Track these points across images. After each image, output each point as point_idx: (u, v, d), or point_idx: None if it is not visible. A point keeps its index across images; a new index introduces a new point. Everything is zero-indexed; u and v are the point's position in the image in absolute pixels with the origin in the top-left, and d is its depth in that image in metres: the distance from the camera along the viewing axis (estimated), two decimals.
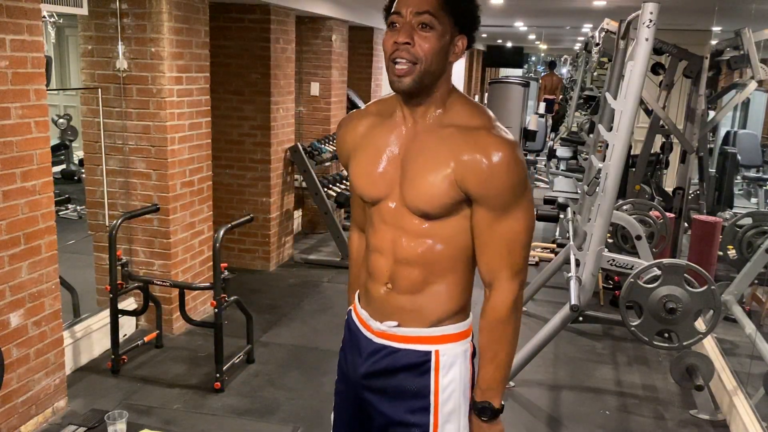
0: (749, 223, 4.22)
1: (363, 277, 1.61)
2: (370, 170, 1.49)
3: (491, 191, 1.38)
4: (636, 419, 3.29)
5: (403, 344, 1.51)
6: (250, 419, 3.12)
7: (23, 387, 2.86)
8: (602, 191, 3.26)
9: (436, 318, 1.49)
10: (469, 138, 1.39)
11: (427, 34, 1.37)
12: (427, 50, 1.37)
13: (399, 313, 1.50)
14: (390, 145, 1.48)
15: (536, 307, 4.75)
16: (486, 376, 1.48)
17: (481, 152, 1.37)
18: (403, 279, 1.48)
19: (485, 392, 1.48)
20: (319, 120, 6.27)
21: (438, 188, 1.40)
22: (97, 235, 3.97)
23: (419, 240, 1.45)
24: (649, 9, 3.07)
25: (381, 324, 1.53)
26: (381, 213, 1.50)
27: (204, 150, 4.14)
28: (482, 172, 1.36)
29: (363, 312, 1.59)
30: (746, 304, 4.20)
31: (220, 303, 3.30)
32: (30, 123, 2.76)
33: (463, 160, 1.38)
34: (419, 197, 1.42)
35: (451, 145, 1.40)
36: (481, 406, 1.48)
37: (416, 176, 1.43)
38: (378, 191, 1.49)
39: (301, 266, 5.49)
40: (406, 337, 1.50)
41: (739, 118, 7.87)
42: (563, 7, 6.48)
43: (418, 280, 1.47)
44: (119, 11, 3.64)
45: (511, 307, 1.44)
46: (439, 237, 1.45)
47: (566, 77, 15.60)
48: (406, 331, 1.50)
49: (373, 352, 1.54)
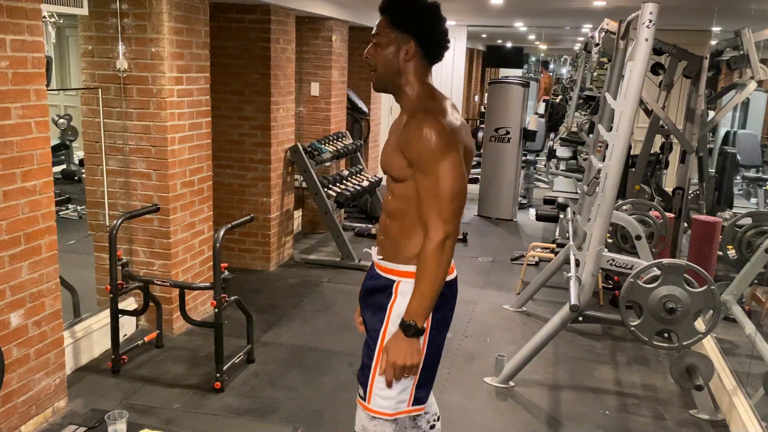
0: (749, 223, 4.22)
1: None
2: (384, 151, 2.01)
3: (414, 156, 1.82)
4: (636, 419, 3.30)
5: (382, 273, 2.01)
6: (250, 419, 3.12)
7: (23, 387, 2.86)
8: (602, 191, 3.26)
9: (403, 255, 1.95)
10: (409, 119, 1.87)
11: (377, 49, 1.91)
12: (378, 60, 1.91)
13: (383, 249, 2.02)
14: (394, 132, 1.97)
15: (536, 307, 4.76)
16: (413, 301, 1.87)
17: (411, 128, 1.84)
18: (385, 226, 2.01)
19: (411, 314, 1.87)
20: (319, 120, 6.28)
21: (391, 155, 1.91)
22: (97, 235, 3.97)
23: (395, 198, 1.95)
24: (648, 9, 3.07)
25: (375, 255, 2.06)
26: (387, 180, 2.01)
27: (204, 150, 4.14)
28: (407, 141, 1.83)
29: None
30: (746, 304, 4.21)
31: (220, 303, 3.30)
32: (30, 123, 2.76)
33: (402, 133, 1.86)
34: (385, 163, 1.96)
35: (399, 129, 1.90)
36: (407, 323, 1.87)
37: (385, 150, 1.97)
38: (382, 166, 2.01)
39: (301, 266, 5.50)
40: (383, 268, 2.01)
41: (739, 118, 7.86)
42: (563, 7, 6.49)
43: (394, 226, 1.97)
44: (119, 11, 3.65)
45: (435, 248, 1.82)
46: (403, 197, 1.91)
47: (566, 77, 15.60)
48: (383, 263, 2.01)
49: (371, 272, 2.09)
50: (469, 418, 3.21)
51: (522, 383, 3.56)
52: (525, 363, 3.55)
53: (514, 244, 6.33)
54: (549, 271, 4.63)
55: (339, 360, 3.77)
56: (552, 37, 12.70)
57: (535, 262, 5.72)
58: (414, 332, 1.86)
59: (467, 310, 4.60)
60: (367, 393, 1.98)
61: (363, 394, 1.99)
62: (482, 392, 3.48)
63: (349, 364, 3.71)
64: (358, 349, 3.86)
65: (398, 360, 1.87)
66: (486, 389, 3.52)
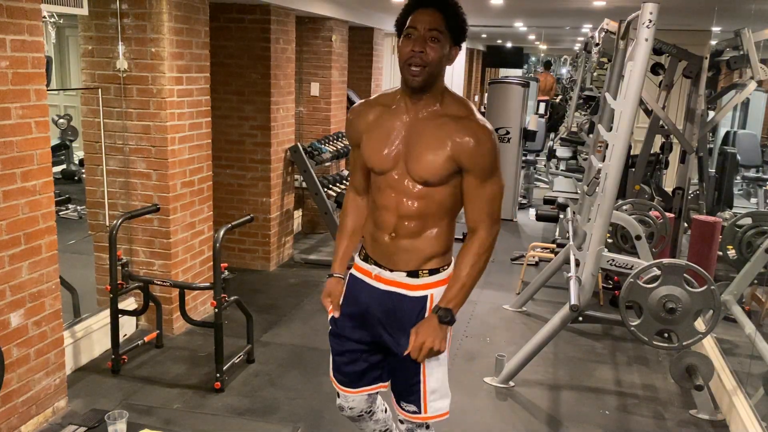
0: (749, 223, 4.22)
1: (370, 229, 2.06)
2: (381, 149, 1.95)
3: (477, 164, 1.87)
4: (636, 419, 3.30)
5: (408, 292, 1.98)
6: (250, 419, 3.12)
7: (23, 387, 2.86)
8: (602, 191, 3.26)
9: (428, 255, 1.97)
10: (460, 125, 1.87)
11: (435, 45, 1.83)
12: (434, 57, 1.83)
13: (400, 253, 1.97)
14: (396, 129, 1.94)
15: (536, 307, 4.76)
16: (454, 290, 1.93)
17: (471, 136, 1.86)
18: (403, 228, 1.95)
19: (450, 302, 1.92)
20: (319, 120, 6.28)
21: (438, 163, 1.88)
22: (97, 235, 3.97)
23: (416, 200, 1.92)
24: (648, 9, 3.07)
25: (389, 273, 1.99)
26: (388, 180, 1.95)
27: (204, 150, 4.14)
28: (471, 150, 1.86)
29: (367, 265, 2.05)
30: (746, 304, 4.21)
31: (220, 303, 3.30)
32: (30, 123, 2.76)
33: (457, 141, 1.86)
34: (423, 170, 1.89)
35: (447, 130, 1.88)
36: (445, 309, 1.91)
37: (420, 154, 1.89)
38: (387, 165, 1.95)
39: (301, 266, 5.50)
40: (410, 285, 1.98)
41: (739, 118, 7.86)
42: (563, 7, 6.48)
43: (415, 229, 1.95)
44: (119, 11, 3.65)
45: (487, 246, 1.94)
46: (431, 198, 1.92)
47: (566, 77, 15.59)
48: (408, 280, 1.98)
49: (384, 296, 2.01)
50: (469, 418, 3.21)
51: (522, 383, 3.56)
52: (525, 363, 3.55)
53: (514, 244, 6.33)
54: (549, 271, 4.63)
55: None
56: (552, 37, 12.69)
57: (535, 262, 5.72)
58: (449, 320, 1.92)
59: (467, 310, 4.60)
60: (422, 406, 2.04)
61: (418, 408, 2.05)
62: (482, 392, 3.49)
63: None
64: None
65: (429, 342, 1.90)
66: (486, 389, 3.52)
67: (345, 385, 2.17)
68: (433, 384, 2.02)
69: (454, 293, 1.92)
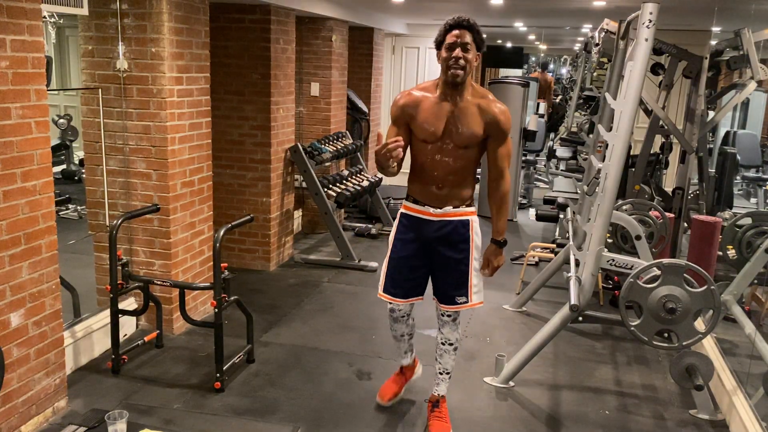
0: (749, 223, 4.21)
1: (417, 185, 2.88)
2: (435, 124, 2.76)
3: (500, 133, 2.79)
4: (636, 419, 3.30)
5: (455, 217, 2.87)
6: (250, 419, 3.12)
7: (23, 387, 2.87)
8: (602, 191, 3.26)
9: (464, 198, 2.87)
10: (487, 107, 2.76)
11: (469, 52, 2.68)
12: (470, 60, 2.68)
13: (446, 198, 2.84)
14: (442, 111, 2.76)
15: (536, 307, 4.76)
16: (501, 224, 2.92)
17: (495, 114, 2.76)
18: (447, 182, 2.83)
19: (501, 233, 2.93)
20: (319, 120, 6.28)
21: (476, 134, 2.76)
22: (97, 235, 3.97)
23: (457, 160, 2.79)
24: (648, 9, 3.08)
25: (440, 209, 2.85)
26: (438, 147, 2.78)
27: (204, 150, 4.14)
28: (496, 124, 2.76)
29: (420, 206, 2.88)
30: (746, 304, 4.21)
31: (220, 303, 3.30)
32: (30, 123, 2.76)
33: (486, 118, 2.76)
34: (467, 138, 2.76)
35: (480, 112, 2.76)
36: (502, 240, 2.93)
37: (464, 129, 2.76)
38: (438, 136, 2.77)
39: (301, 266, 5.50)
40: (456, 213, 2.86)
41: (739, 118, 7.85)
42: (563, 8, 6.48)
43: (456, 181, 2.83)
44: (119, 11, 3.65)
45: (509, 185, 2.90)
46: (465, 158, 2.80)
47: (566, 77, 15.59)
48: (455, 210, 2.86)
49: (439, 223, 2.86)
50: (469, 418, 3.21)
51: (522, 383, 3.57)
52: (525, 363, 3.55)
53: (514, 244, 6.33)
54: (549, 271, 4.63)
55: (339, 360, 3.77)
56: (552, 37, 12.68)
57: (535, 262, 5.72)
58: (504, 244, 2.94)
59: (467, 310, 4.59)
60: (468, 296, 2.90)
61: (467, 299, 2.90)
62: (482, 392, 3.49)
63: (349, 363, 3.71)
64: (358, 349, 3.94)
65: (495, 262, 2.95)
66: (486, 389, 3.52)
67: (399, 296, 2.96)
68: (475, 281, 2.90)
69: (502, 226, 2.90)
